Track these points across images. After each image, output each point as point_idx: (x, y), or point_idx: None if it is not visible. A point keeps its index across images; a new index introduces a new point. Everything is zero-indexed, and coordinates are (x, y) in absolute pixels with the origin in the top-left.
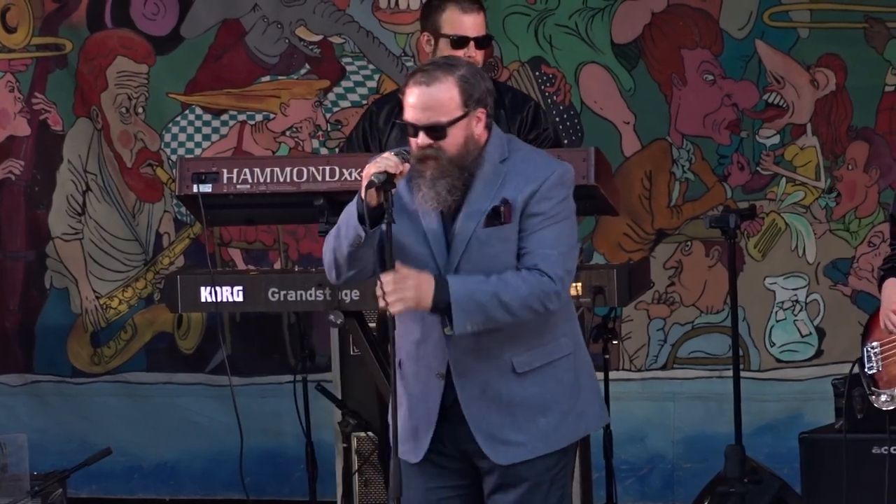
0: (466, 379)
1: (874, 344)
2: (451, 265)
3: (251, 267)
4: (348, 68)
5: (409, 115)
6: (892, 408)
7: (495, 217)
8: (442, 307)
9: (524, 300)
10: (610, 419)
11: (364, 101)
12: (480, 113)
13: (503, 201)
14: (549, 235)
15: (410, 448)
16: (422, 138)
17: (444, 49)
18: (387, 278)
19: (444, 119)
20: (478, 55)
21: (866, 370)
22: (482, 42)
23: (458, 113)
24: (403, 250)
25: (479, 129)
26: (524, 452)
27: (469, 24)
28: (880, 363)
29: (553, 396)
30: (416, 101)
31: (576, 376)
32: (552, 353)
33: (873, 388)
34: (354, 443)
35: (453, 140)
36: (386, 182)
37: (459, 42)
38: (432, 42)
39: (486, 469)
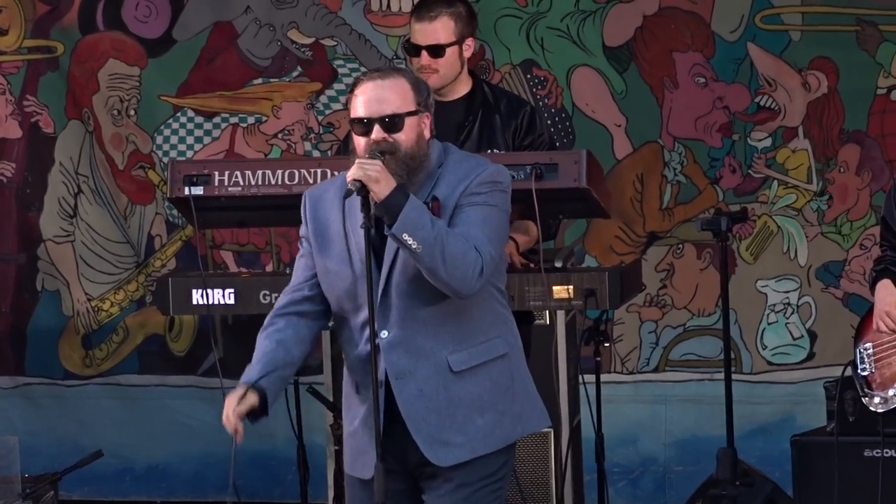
0: (403, 381)
1: (867, 345)
2: (384, 269)
3: (243, 269)
4: (340, 71)
5: (363, 110)
6: (885, 410)
7: None
8: (391, 206)
9: (460, 255)
10: (551, 423)
11: None
12: (426, 118)
13: (432, 198)
14: (476, 216)
15: (363, 464)
16: (376, 132)
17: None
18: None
19: (400, 109)
20: (434, 63)
21: (859, 371)
22: (433, 51)
23: (412, 107)
24: (339, 274)
25: (426, 134)
26: (464, 453)
27: (420, 32)
28: (873, 365)
29: (490, 397)
30: (370, 95)
31: (511, 378)
32: (486, 353)
33: (866, 390)
34: None
35: (408, 135)
36: (363, 187)
37: (409, 49)
38: None
39: (425, 476)
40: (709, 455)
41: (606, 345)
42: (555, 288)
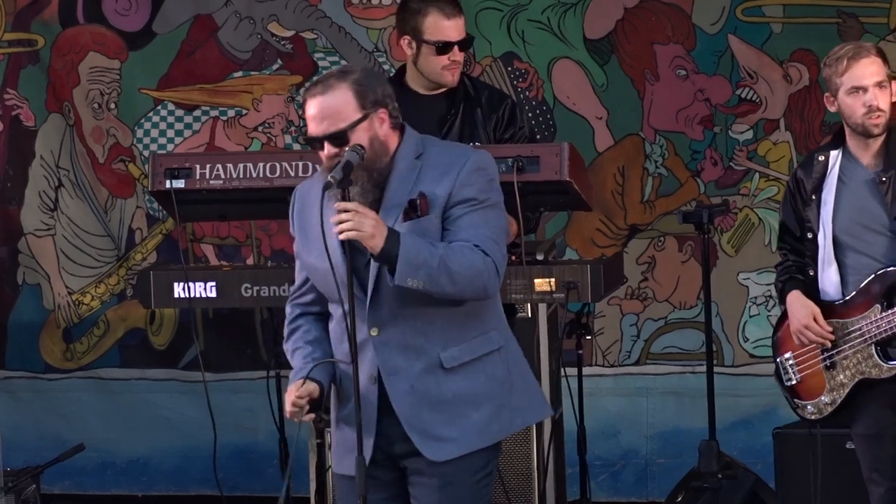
0: (396, 377)
1: (787, 356)
2: (373, 267)
3: (224, 262)
4: (321, 64)
5: (311, 128)
6: (818, 418)
7: (412, 210)
8: (388, 256)
9: (469, 272)
10: (553, 412)
11: None
12: (382, 114)
13: (419, 194)
14: (479, 219)
15: (350, 463)
16: (327, 149)
17: (428, 54)
18: (350, 206)
19: (342, 125)
20: (460, 57)
21: (785, 383)
22: (465, 44)
23: (357, 116)
24: (323, 271)
25: (383, 130)
26: (458, 448)
27: (452, 28)
28: (798, 375)
29: (485, 391)
30: (314, 113)
31: (507, 371)
32: (480, 347)
33: (796, 401)
34: (328, 438)
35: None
36: (343, 180)
37: (444, 48)
38: (414, 46)
39: (413, 469)
40: (691, 447)
41: (588, 338)
42: (536, 281)
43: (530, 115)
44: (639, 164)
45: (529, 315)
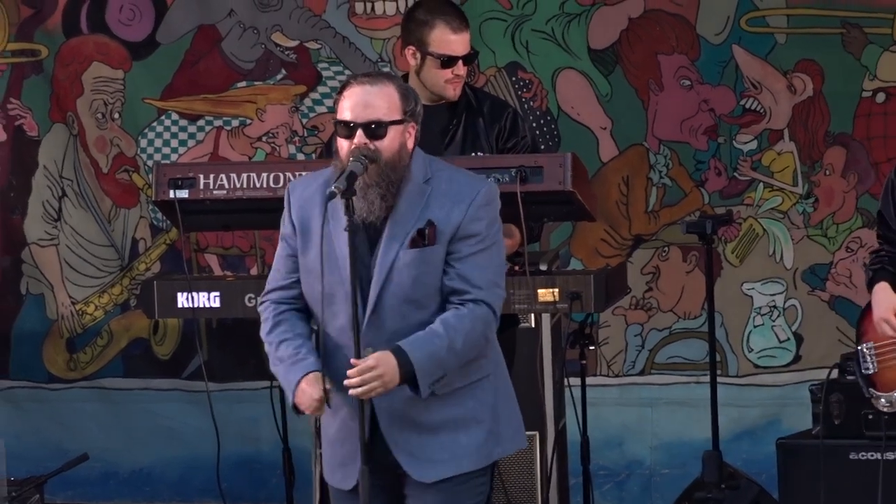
0: (386, 399)
1: (870, 344)
2: (375, 287)
3: (228, 273)
4: (324, 74)
5: (348, 113)
6: (892, 412)
7: (420, 238)
8: (407, 378)
9: (470, 341)
10: (527, 443)
11: None
12: (412, 128)
13: (428, 223)
14: (483, 261)
15: (342, 476)
16: (359, 137)
17: (432, 67)
18: (351, 373)
19: (385, 118)
20: (464, 71)
21: (863, 370)
22: (469, 59)
23: (398, 116)
24: (318, 275)
25: (409, 143)
26: (448, 469)
27: (458, 43)
28: (876, 364)
29: (473, 415)
30: (357, 99)
31: (495, 396)
32: (471, 374)
33: (871, 390)
34: None
35: (390, 143)
36: (347, 191)
37: (449, 62)
38: (418, 57)
39: (407, 480)
40: (695, 458)
41: (592, 348)
42: (540, 291)
43: (534, 125)
44: (643, 175)
45: (533, 325)
